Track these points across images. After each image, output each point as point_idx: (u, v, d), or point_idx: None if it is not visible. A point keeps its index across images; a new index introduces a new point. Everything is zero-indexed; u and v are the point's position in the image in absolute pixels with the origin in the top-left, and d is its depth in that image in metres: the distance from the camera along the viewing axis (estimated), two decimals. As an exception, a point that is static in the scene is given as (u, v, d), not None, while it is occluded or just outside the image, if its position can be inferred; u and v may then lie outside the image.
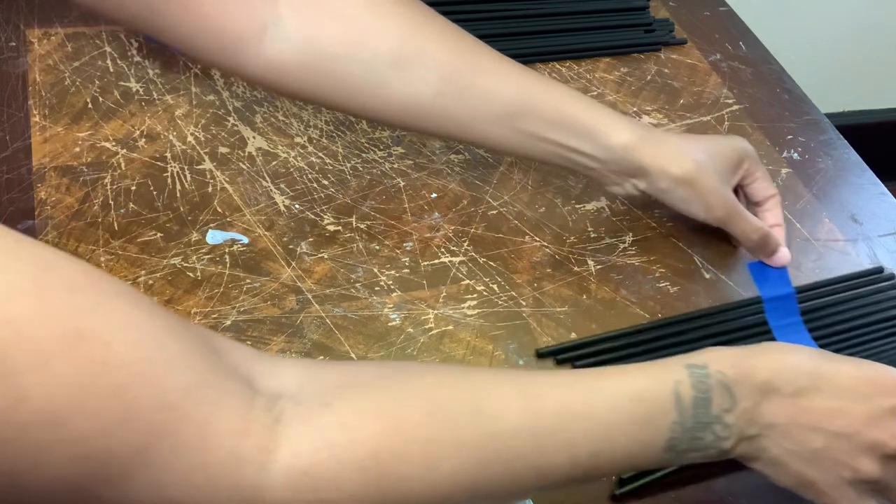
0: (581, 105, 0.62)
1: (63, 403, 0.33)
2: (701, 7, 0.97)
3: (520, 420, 0.44)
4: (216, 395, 0.37)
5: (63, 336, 0.33)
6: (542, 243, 0.69)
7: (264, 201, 0.68)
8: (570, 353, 0.61)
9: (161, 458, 0.35)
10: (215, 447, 0.37)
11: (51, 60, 0.74)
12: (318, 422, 0.40)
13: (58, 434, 0.33)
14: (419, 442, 0.41)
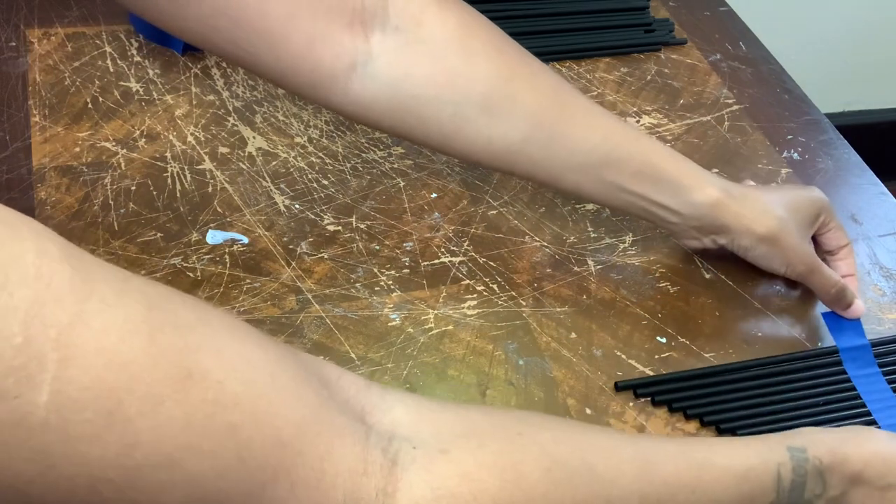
0: (667, 158, 0.62)
1: (176, 445, 0.32)
2: (701, 7, 0.97)
3: (632, 485, 0.44)
4: (331, 431, 0.37)
5: (175, 377, 0.32)
6: (542, 243, 0.69)
7: (264, 201, 0.68)
8: (650, 388, 0.60)
9: (277, 497, 0.35)
10: (333, 486, 0.36)
11: (51, 60, 0.74)
12: (437, 469, 0.39)
13: (172, 476, 0.32)
14: (538, 499, 0.41)
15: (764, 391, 0.62)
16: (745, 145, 0.81)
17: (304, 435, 0.36)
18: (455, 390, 0.59)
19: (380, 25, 0.55)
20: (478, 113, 0.58)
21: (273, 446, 0.35)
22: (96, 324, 0.31)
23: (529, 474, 0.41)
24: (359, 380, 0.42)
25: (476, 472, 0.40)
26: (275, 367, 0.36)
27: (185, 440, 0.32)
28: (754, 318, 0.67)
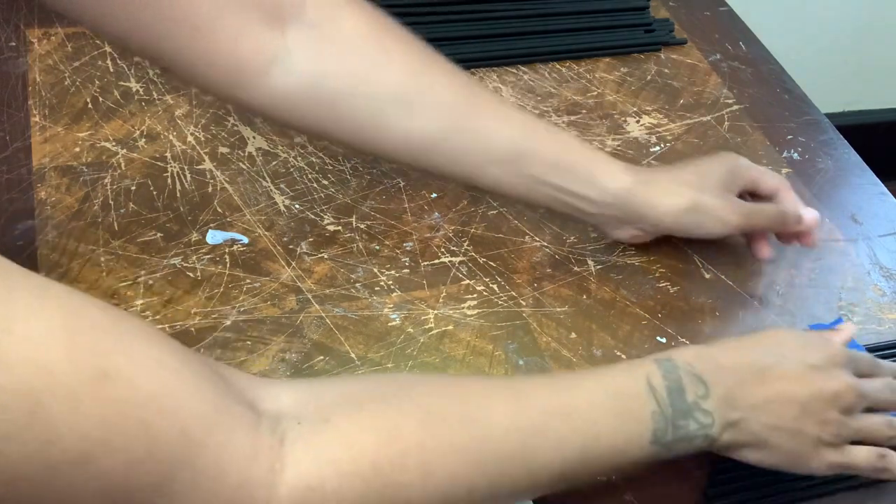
0: (582, 149, 0.63)
1: (92, 442, 0.34)
2: (701, 7, 0.97)
3: (508, 420, 0.46)
4: (228, 422, 0.39)
5: (92, 378, 0.34)
6: (542, 243, 0.69)
7: (264, 201, 0.68)
8: None
9: (181, 487, 0.37)
10: (228, 473, 0.38)
11: (51, 60, 0.74)
12: (319, 439, 0.41)
13: (87, 471, 0.34)
14: (414, 450, 0.43)
15: None
16: (745, 145, 0.81)
17: (206, 427, 0.38)
18: (455, 390, 0.58)
19: (297, 20, 0.56)
20: (394, 107, 0.58)
21: (179, 440, 0.36)
22: (19, 330, 0.32)
23: (404, 428, 0.43)
24: (250, 376, 0.45)
25: (355, 435, 0.42)
26: (180, 366, 0.38)
27: (99, 436, 0.34)
28: (754, 318, 0.67)
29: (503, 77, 0.83)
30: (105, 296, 0.59)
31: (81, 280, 0.60)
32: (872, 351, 0.66)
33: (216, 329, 0.59)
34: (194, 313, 0.60)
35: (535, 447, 0.46)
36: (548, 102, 0.81)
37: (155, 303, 0.60)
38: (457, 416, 0.45)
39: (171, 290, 0.61)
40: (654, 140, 0.80)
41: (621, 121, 0.81)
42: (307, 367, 0.58)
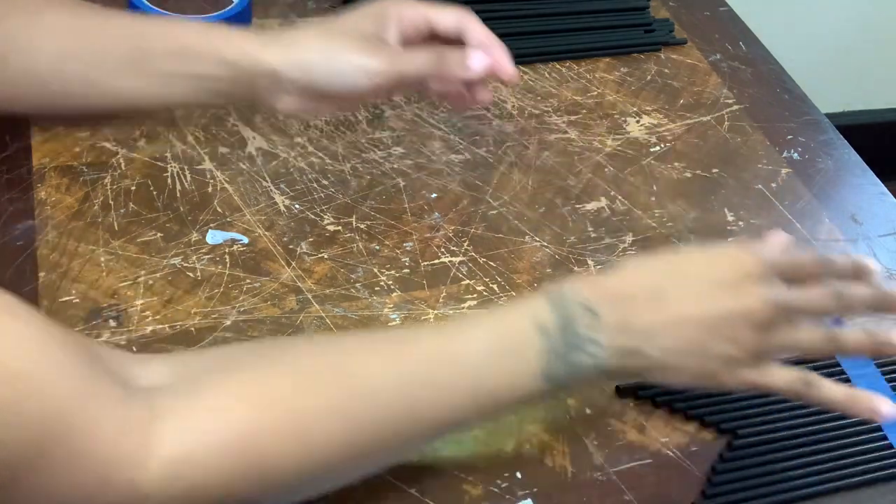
0: (198, 30, 0.61)
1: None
2: (701, 7, 0.98)
3: (389, 375, 0.45)
4: (98, 400, 0.39)
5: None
6: (542, 243, 0.69)
7: (264, 201, 0.68)
8: (651, 390, 0.60)
9: (50, 465, 0.37)
10: (98, 450, 0.38)
11: (51, 60, 0.74)
12: (189, 410, 0.41)
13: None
14: (288, 415, 0.42)
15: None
16: (745, 145, 0.81)
17: (74, 406, 0.38)
18: (455, 390, 0.58)
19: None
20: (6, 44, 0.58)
21: (45, 419, 0.36)
22: None
23: (276, 393, 0.42)
24: (126, 353, 0.45)
25: (225, 402, 0.41)
26: (48, 344, 0.38)
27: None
28: (754, 318, 0.67)
29: (503, 77, 0.83)
30: (105, 296, 0.59)
31: (81, 280, 0.60)
32: None
33: (216, 329, 0.59)
34: (194, 313, 0.60)
35: (420, 398, 0.45)
36: (548, 102, 0.81)
37: (155, 303, 0.60)
38: (332, 375, 0.44)
39: (171, 290, 0.61)
40: (654, 140, 0.80)
41: (621, 121, 0.81)
42: (307, 367, 0.58)
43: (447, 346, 0.47)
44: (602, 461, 0.57)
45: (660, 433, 0.59)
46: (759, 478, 0.57)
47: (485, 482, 0.54)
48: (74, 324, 0.57)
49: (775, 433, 0.60)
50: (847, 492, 0.58)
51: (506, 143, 0.76)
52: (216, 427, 0.41)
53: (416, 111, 0.78)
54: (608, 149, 0.78)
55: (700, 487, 0.56)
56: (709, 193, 0.76)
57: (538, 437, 0.57)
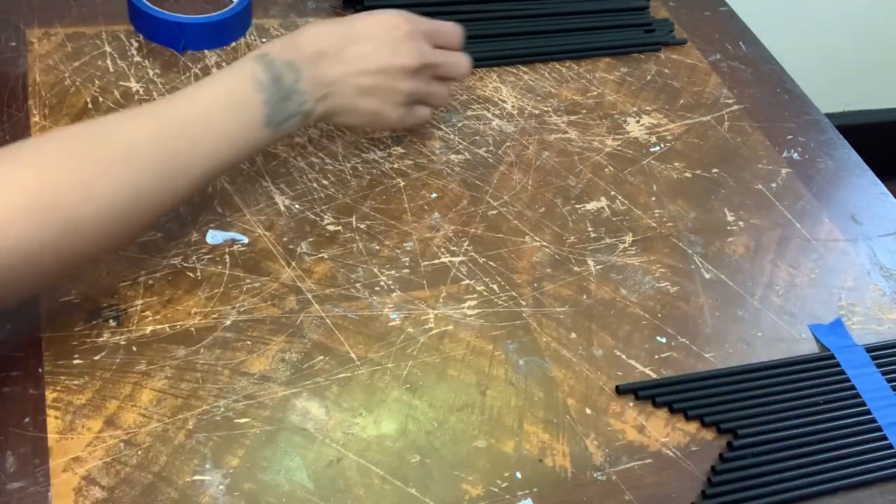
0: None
1: None
2: (701, 7, 0.98)
3: (142, 131, 0.53)
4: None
5: None
6: (542, 243, 0.69)
7: (264, 201, 0.68)
8: (651, 391, 0.60)
9: None
10: None
11: (51, 60, 0.74)
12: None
13: None
14: (70, 175, 0.49)
15: (765, 391, 0.62)
16: (745, 145, 0.81)
17: None
18: (455, 390, 0.59)
19: None
20: None
21: None
22: None
23: (57, 161, 0.50)
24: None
25: (17, 171, 0.48)
26: None
27: None
28: (754, 318, 0.67)
29: (503, 77, 0.83)
30: (105, 296, 0.59)
31: (81, 280, 0.60)
32: (872, 351, 0.66)
33: (216, 329, 0.59)
34: (194, 313, 0.60)
35: (177, 150, 0.54)
36: (548, 102, 0.81)
37: (155, 303, 0.60)
38: (101, 143, 0.52)
39: (171, 290, 0.61)
40: (654, 140, 0.80)
41: (621, 121, 0.81)
42: (307, 367, 0.58)
43: (190, 108, 0.56)
44: (602, 461, 0.57)
45: (660, 433, 0.59)
46: (759, 478, 0.57)
47: (485, 482, 0.54)
48: (74, 324, 0.57)
49: (775, 433, 0.60)
50: (847, 492, 0.58)
51: (506, 143, 0.76)
52: (14, 192, 0.47)
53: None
54: (608, 149, 0.78)
55: (700, 487, 0.56)
56: (709, 193, 0.76)
57: (538, 437, 0.57)
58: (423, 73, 0.66)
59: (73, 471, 0.51)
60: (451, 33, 0.69)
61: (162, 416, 0.54)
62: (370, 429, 0.56)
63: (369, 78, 0.63)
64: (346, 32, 0.63)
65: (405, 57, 0.64)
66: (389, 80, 0.64)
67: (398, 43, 0.64)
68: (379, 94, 0.64)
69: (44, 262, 0.48)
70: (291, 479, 0.53)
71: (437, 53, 0.67)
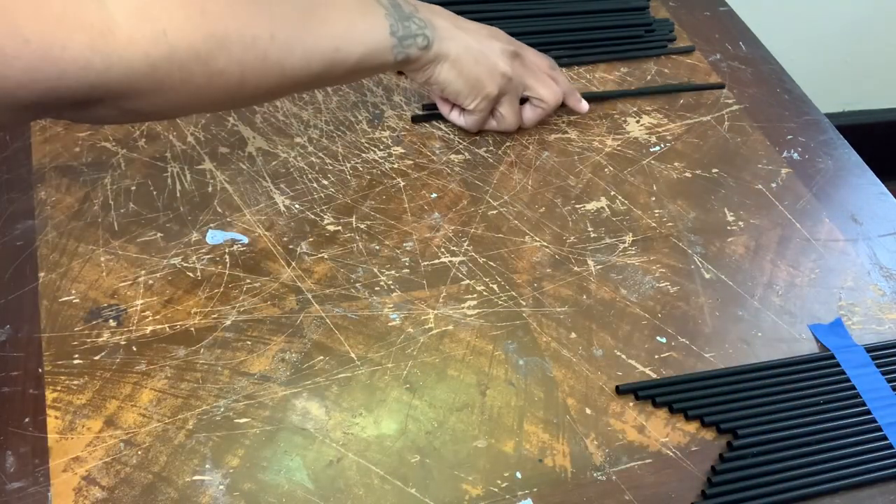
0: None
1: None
2: (701, 7, 0.98)
3: (297, 15, 0.57)
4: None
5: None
6: (542, 243, 0.69)
7: (264, 201, 0.68)
8: (651, 391, 0.60)
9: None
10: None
11: (51, 60, 0.74)
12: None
13: None
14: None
15: (765, 391, 0.62)
16: (745, 145, 0.81)
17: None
18: (455, 390, 0.59)
19: None
20: None
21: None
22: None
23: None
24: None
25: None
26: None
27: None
28: (754, 318, 0.67)
29: (503, 77, 0.83)
30: (105, 296, 0.59)
31: (81, 280, 0.60)
32: (872, 351, 0.66)
33: (216, 329, 0.59)
34: (194, 313, 0.60)
35: (311, 21, 0.57)
36: (548, 102, 0.81)
37: (155, 303, 0.60)
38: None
39: (171, 290, 0.61)
40: (654, 140, 0.80)
41: (621, 121, 0.81)
42: (307, 367, 0.58)
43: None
44: (602, 461, 0.57)
45: (660, 433, 0.59)
46: (759, 478, 0.57)
47: (485, 482, 0.54)
48: (74, 324, 0.57)
49: (775, 433, 0.60)
50: (847, 492, 0.58)
51: (506, 143, 0.76)
52: None
53: (416, 111, 0.78)
54: (608, 149, 0.78)
55: (700, 487, 0.56)
56: (709, 193, 0.76)
57: (538, 437, 0.57)
58: (518, 66, 0.72)
59: (73, 471, 0.51)
60: (545, 60, 0.77)
61: (162, 416, 0.54)
62: (370, 429, 0.56)
63: (478, 45, 0.68)
64: (454, 16, 0.69)
65: (505, 41, 0.71)
66: (491, 54, 0.69)
67: (500, 33, 0.72)
68: (482, 61, 0.68)
69: (194, 72, 0.51)
70: (291, 479, 0.53)
71: (533, 65, 0.74)
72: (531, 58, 0.74)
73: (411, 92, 0.79)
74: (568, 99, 0.78)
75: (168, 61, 0.49)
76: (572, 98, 0.78)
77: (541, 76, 0.74)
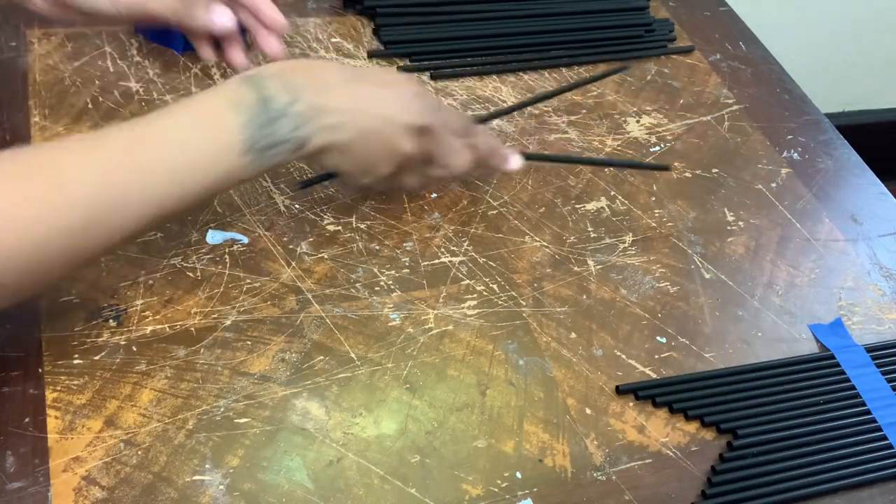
0: None
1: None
2: (701, 7, 0.98)
3: (87, 165, 0.48)
4: None
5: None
6: (542, 243, 0.69)
7: (264, 201, 0.68)
8: (651, 391, 0.60)
9: None
10: None
11: (51, 60, 0.74)
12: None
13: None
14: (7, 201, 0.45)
15: (765, 391, 0.62)
16: (745, 145, 0.81)
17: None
18: (455, 390, 0.59)
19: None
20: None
21: None
22: None
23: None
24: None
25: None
26: None
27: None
28: (754, 318, 0.67)
29: (503, 77, 0.83)
30: (105, 296, 0.59)
31: (81, 280, 0.60)
32: (872, 351, 0.66)
33: (216, 329, 0.59)
34: (194, 313, 0.60)
35: (123, 182, 0.48)
36: (548, 102, 0.81)
37: (155, 303, 0.60)
38: (40, 169, 0.46)
39: (171, 290, 0.61)
40: (654, 140, 0.80)
41: (621, 121, 0.81)
42: (307, 367, 0.58)
43: (146, 132, 0.50)
44: (602, 461, 0.57)
45: (660, 433, 0.59)
46: (759, 478, 0.57)
47: (485, 482, 0.54)
48: (74, 324, 0.57)
49: (775, 433, 0.60)
50: (847, 492, 0.58)
51: (506, 143, 0.76)
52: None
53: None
54: (608, 149, 0.78)
55: (700, 487, 0.56)
56: (709, 193, 0.76)
57: (538, 437, 0.57)
58: (425, 141, 0.58)
59: (73, 471, 0.51)
60: (459, 119, 0.62)
61: (162, 416, 0.54)
62: (370, 429, 0.56)
63: (376, 121, 0.56)
64: (356, 72, 0.58)
65: (414, 114, 0.57)
66: (392, 134, 0.56)
67: (413, 100, 0.57)
68: (379, 143, 0.57)
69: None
70: (291, 479, 0.53)
71: (444, 128, 0.60)
72: (443, 127, 0.60)
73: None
74: (490, 160, 0.65)
75: None
76: (495, 158, 0.65)
77: (453, 144, 0.61)
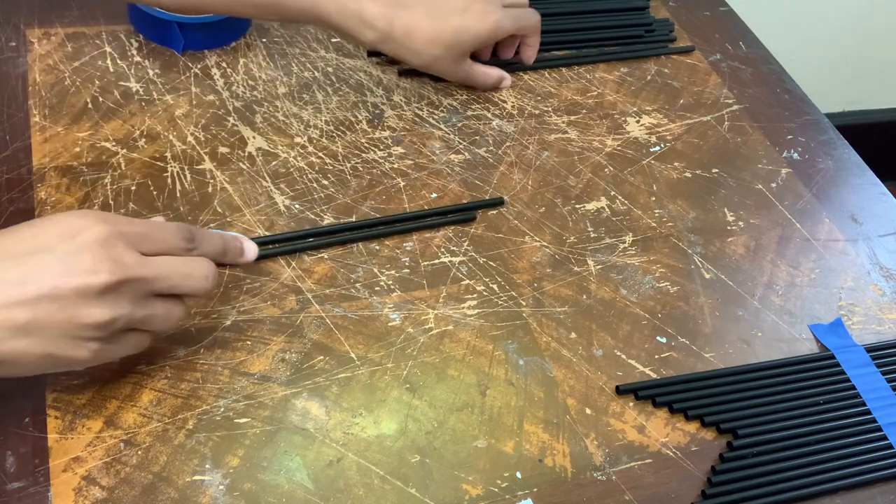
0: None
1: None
2: (701, 7, 0.98)
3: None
4: None
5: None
6: (542, 243, 0.69)
7: (264, 201, 0.68)
8: (651, 391, 0.60)
9: None
10: None
11: (51, 60, 0.74)
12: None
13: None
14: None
15: (765, 391, 0.62)
16: (745, 145, 0.81)
17: None
18: (455, 390, 0.59)
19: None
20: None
21: None
22: None
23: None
24: None
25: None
26: None
27: None
28: (754, 318, 0.67)
29: (503, 77, 0.83)
30: (105, 296, 0.59)
31: (81, 280, 0.60)
32: (872, 351, 0.66)
33: (216, 329, 0.59)
34: (194, 313, 0.60)
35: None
36: (548, 102, 0.81)
37: (155, 303, 0.60)
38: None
39: (171, 290, 0.61)
40: (654, 140, 0.80)
41: (621, 121, 0.81)
42: (307, 367, 0.58)
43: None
44: (602, 461, 0.57)
45: (660, 433, 0.59)
46: (759, 478, 0.57)
47: (485, 482, 0.54)
48: (74, 324, 0.57)
49: (775, 433, 0.60)
50: (847, 492, 0.58)
51: (506, 143, 0.76)
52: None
53: (416, 111, 0.78)
54: (608, 149, 0.78)
55: (700, 487, 0.56)
56: (709, 193, 0.76)
57: (538, 437, 0.57)
58: (128, 290, 0.47)
59: (73, 471, 0.51)
60: (172, 234, 0.50)
61: (162, 416, 0.54)
62: (370, 429, 0.56)
63: (25, 310, 0.44)
64: (4, 245, 0.45)
65: (87, 274, 0.45)
66: (62, 310, 0.45)
67: (78, 254, 0.45)
68: (46, 330, 0.45)
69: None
70: (291, 479, 0.53)
71: (151, 263, 0.48)
72: (156, 244, 0.49)
73: (411, 92, 0.79)
74: (224, 259, 0.55)
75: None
76: (230, 255, 0.56)
77: (180, 270, 0.50)
